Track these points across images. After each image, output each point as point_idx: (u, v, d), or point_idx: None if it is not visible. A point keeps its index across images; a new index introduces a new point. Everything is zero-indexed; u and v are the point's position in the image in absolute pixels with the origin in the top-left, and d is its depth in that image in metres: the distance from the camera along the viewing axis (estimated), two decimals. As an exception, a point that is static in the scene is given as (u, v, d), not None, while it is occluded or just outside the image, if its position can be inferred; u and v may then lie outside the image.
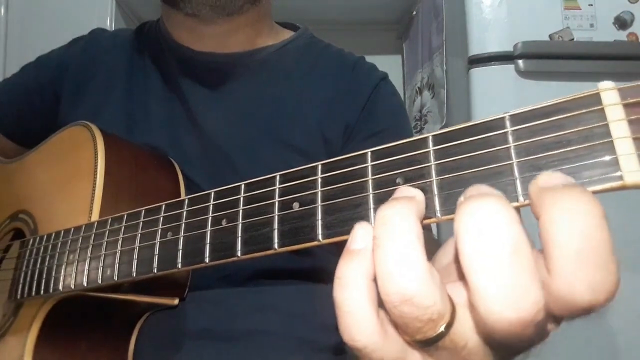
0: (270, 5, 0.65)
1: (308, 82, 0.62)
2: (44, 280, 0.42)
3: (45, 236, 0.44)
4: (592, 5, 1.05)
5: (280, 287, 0.55)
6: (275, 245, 0.27)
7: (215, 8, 0.55)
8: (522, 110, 0.22)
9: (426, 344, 0.21)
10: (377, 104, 0.62)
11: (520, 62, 1.02)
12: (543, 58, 1.03)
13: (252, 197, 0.29)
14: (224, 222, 0.30)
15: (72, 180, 0.47)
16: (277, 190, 0.28)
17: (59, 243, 0.42)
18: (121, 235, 0.36)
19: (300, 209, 0.27)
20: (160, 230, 0.34)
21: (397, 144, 0.25)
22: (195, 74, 0.61)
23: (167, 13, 0.63)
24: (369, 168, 0.25)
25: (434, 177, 0.23)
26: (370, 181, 0.25)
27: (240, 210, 0.29)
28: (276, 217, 0.28)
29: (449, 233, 0.26)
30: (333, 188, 0.26)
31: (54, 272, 0.41)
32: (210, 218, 0.31)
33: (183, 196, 0.47)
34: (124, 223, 0.37)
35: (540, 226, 0.19)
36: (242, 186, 0.30)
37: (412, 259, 0.20)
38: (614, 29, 1.05)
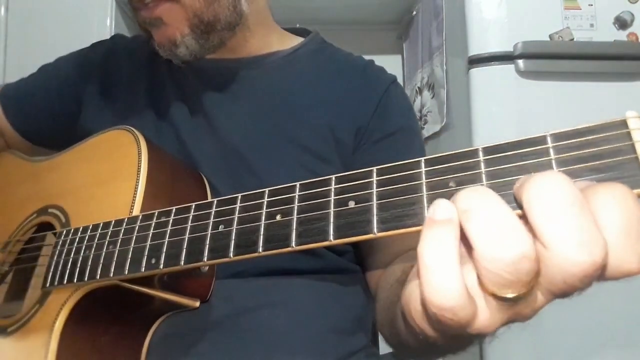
0: (269, 14, 0.67)
1: (319, 85, 0.63)
2: (78, 269, 0.44)
3: (81, 228, 0.47)
4: (592, 5, 1.05)
5: (291, 286, 0.56)
6: (331, 237, 0.31)
7: (195, 57, 0.58)
8: (560, 130, 0.26)
9: (514, 300, 0.23)
10: (389, 106, 0.63)
11: (520, 62, 1.02)
12: (543, 58, 1.03)
13: (307, 195, 0.33)
14: (278, 217, 0.34)
15: (112, 180, 0.50)
16: (332, 189, 0.32)
17: (97, 234, 0.44)
18: (169, 227, 0.39)
19: (356, 206, 0.31)
20: (211, 223, 0.37)
21: (450, 154, 0.29)
22: (208, 79, 0.63)
23: None
24: (423, 173, 0.29)
25: (484, 182, 0.27)
26: (424, 183, 0.29)
27: (296, 206, 0.33)
28: (332, 212, 0.31)
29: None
30: (388, 189, 0.30)
31: (90, 261, 0.43)
32: (264, 213, 0.35)
33: None
34: (172, 216, 0.40)
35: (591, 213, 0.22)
36: (297, 185, 0.34)
37: (516, 221, 0.23)
38: (614, 29, 1.05)
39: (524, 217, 0.23)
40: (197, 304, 0.49)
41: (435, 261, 0.23)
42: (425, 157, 0.29)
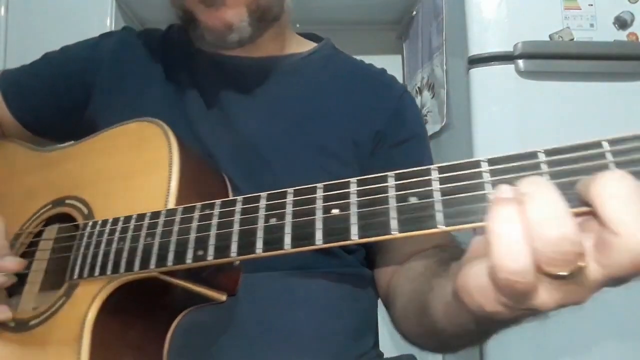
0: (289, 18, 0.68)
1: (336, 89, 0.65)
2: (111, 261, 0.44)
3: (110, 220, 0.46)
4: (592, 5, 1.05)
5: (310, 285, 0.57)
6: (395, 231, 0.32)
7: (238, 45, 0.58)
8: (618, 136, 0.28)
9: (565, 277, 0.27)
10: (404, 113, 0.66)
11: (520, 62, 1.02)
12: (543, 58, 1.03)
13: (365, 191, 0.35)
14: (335, 211, 0.35)
15: (141, 172, 0.49)
16: (392, 186, 0.34)
17: (131, 226, 0.44)
18: (215, 220, 0.40)
19: (419, 201, 0.32)
20: (263, 216, 0.38)
21: (512, 154, 0.31)
22: (227, 77, 0.63)
23: None
24: (487, 172, 0.31)
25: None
26: (489, 182, 0.31)
27: (355, 202, 0.35)
28: (394, 208, 0.33)
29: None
30: (450, 186, 0.32)
31: (125, 253, 0.43)
32: (321, 207, 0.36)
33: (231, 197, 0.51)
34: (217, 209, 0.40)
35: None
36: (354, 181, 0.35)
37: (564, 205, 0.26)
38: (614, 29, 1.05)
39: (587, 214, 0.27)
40: (224, 297, 0.49)
41: (505, 229, 0.27)
42: (487, 157, 0.31)
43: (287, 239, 0.36)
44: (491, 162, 0.31)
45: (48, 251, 0.54)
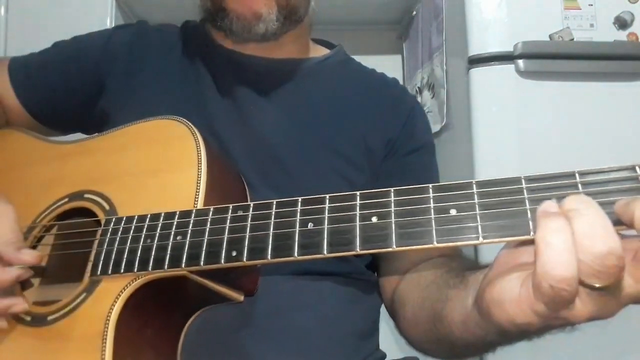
0: (310, 24, 0.70)
1: (351, 95, 0.66)
2: (138, 258, 0.44)
3: (136, 217, 0.46)
4: (592, 5, 1.05)
5: (320, 288, 0.57)
6: (434, 242, 0.34)
7: (262, 39, 0.59)
8: None
9: (605, 289, 0.28)
10: (416, 122, 0.68)
11: (520, 62, 1.02)
12: (543, 58, 1.03)
13: (404, 201, 0.36)
14: (374, 219, 0.36)
15: (168, 171, 0.49)
16: (431, 197, 0.35)
17: (159, 224, 0.44)
18: (249, 222, 0.40)
19: (458, 214, 0.34)
20: (299, 220, 0.38)
21: (549, 174, 0.33)
22: (245, 76, 0.63)
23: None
24: (525, 189, 0.33)
25: None
26: (527, 198, 0.32)
27: (393, 211, 0.36)
28: (433, 219, 0.34)
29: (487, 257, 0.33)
30: (490, 201, 0.33)
31: (154, 251, 0.43)
32: (358, 214, 0.37)
33: (249, 200, 0.52)
34: (251, 211, 0.41)
35: None
36: (392, 191, 0.37)
37: (609, 222, 0.28)
38: (614, 29, 1.04)
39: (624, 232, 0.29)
40: (242, 298, 0.49)
41: (556, 239, 0.28)
42: (525, 176, 0.33)
43: (325, 244, 0.37)
44: (529, 180, 0.33)
45: (76, 245, 0.52)
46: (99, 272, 0.46)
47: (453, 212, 0.34)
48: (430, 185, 0.35)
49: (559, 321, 0.31)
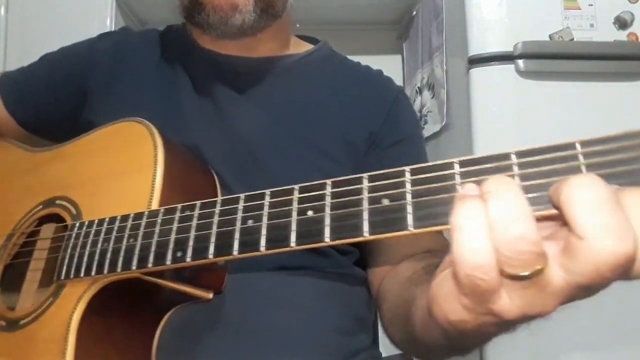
0: (290, 20, 0.69)
1: (332, 89, 0.65)
2: (96, 262, 0.44)
3: (96, 221, 0.46)
4: (592, 5, 1.05)
5: (297, 285, 0.57)
6: (366, 234, 0.32)
7: (240, 33, 0.59)
8: (590, 138, 0.28)
9: (523, 278, 0.26)
10: (399, 114, 0.66)
11: (520, 62, 1.02)
12: (543, 58, 1.03)
13: (339, 192, 0.34)
14: (309, 213, 0.35)
15: (127, 172, 0.49)
16: (366, 187, 0.33)
17: (116, 227, 0.44)
18: (195, 222, 0.40)
19: (391, 203, 0.32)
20: (240, 217, 0.38)
21: (484, 156, 0.30)
22: (223, 76, 0.63)
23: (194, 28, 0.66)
24: (458, 174, 0.30)
25: (519, 183, 0.28)
26: (459, 184, 0.30)
27: (328, 203, 0.34)
28: (367, 210, 0.32)
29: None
30: (422, 188, 0.31)
31: (109, 254, 0.43)
32: (295, 209, 0.35)
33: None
34: (197, 210, 0.40)
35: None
36: (329, 183, 0.35)
37: (526, 205, 0.26)
38: (614, 29, 1.04)
39: (556, 217, 0.27)
40: (211, 295, 0.49)
41: (467, 224, 0.26)
42: (459, 159, 0.31)
43: (263, 241, 0.36)
44: (462, 163, 0.31)
45: (46, 250, 0.54)
46: (62, 277, 0.46)
47: (385, 201, 0.32)
48: (365, 175, 0.34)
49: (490, 317, 0.29)
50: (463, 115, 1.08)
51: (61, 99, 0.67)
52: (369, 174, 0.34)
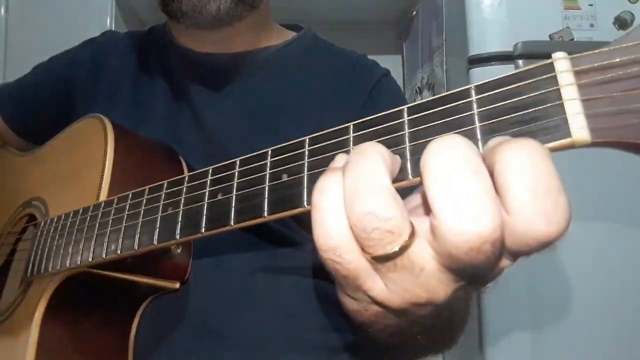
0: (270, 9, 0.67)
1: (308, 79, 0.63)
2: (52, 258, 0.45)
3: (55, 218, 0.47)
4: (592, 5, 1.05)
5: (276, 286, 0.56)
6: (265, 214, 0.29)
7: (215, 21, 0.57)
8: (486, 81, 0.24)
9: (384, 259, 0.23)
10: (379, 101, 0.63)
11: (520, 62, 1.02)
12: (543, 58, 1.02)
13: (246, 171, 0.32)
14: (219, 196, 0.33)
15: (83, 168, 0.50)
16: (268, 163, 0.31)
17: (68, 223, 0.45)
18: (126, 212, 0.39)
19: (289, 179, 0.29)
20: (162, 205, 0.37)
21: (377, 116, 0.27)
22: (199, 74, 0.62)
23: (170, 19, 0.65)
24: (351, 139, 0.28)
25: (407, 144, 0.25)
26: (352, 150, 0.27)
27: (235, 184, 0.32)
28: (267, 187, 0.30)
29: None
30: (318, 159, 0.28)
31: (62, 250, 0.44)
32: (207, 192, 0.34)
33: None
34: (129, 201, 0.40)
35: (495, 175, 0.21)
36: (238, 162, 0.33)
37: (378, 176, 0.22)
38: (614, 29, 1.05)
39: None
40: (177, 285, 0.49)
41: (319, 200, 0.24)
42: (353, 122, 0.28)
43: (178, 228, 0.34)
44: (356, 127, 0.28)
45: (24, 250, 0.56)
46: (29, 274, 0.47)
47: (285, 177, 0.29)
48: (270, 149, 0.31)
49: (377, 307, 0.26)
50: (463, 115, 1.08)
51: (51, 107, 0.69)
52: (272, 148, 0.31)
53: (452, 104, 0.25)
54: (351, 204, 0.22)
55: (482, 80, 0.25)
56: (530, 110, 0.23)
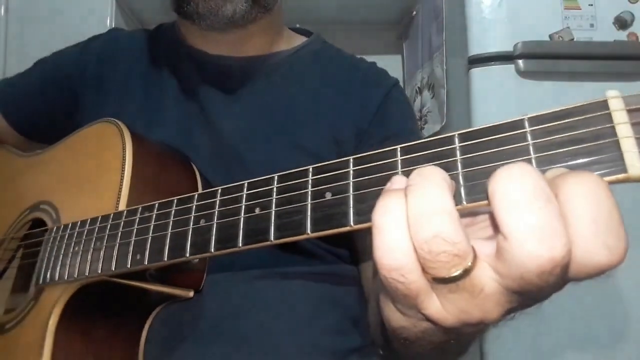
0: (282, 13, 0.67)
1: (320, 86, 0.64)
2: (68, 266, 0.44)
3: (70, 224, 0.46)
4: (592, 5, 1.05)
5: (286, 289, 0.56)
6: (308, 230, 0.30)
7: (230, 23, 0.57)
8: (538, 113, 0.25)
9: (446, 281, 0.24)
10: (389, 110, 0.64)
11: (520, 62, 1.02)
12: (543, 58, 1.03)
13: (285, 187, 0.32)
14: (257, 210, 0.33)
15: (98, 174, 0.49)
16: (309, 181, 0.31)
17: (85, 230, 0.44)
18: (153, 223, 0.39)
19: (333, 197, 0.30)
20: (193, 217, 0.36)
21: (426, 140, 0.28)
22: (211, 76, 0.62)
23: (181, 20, 0.65)
24: (399, 162, 0.28)
25: (459, 170, 0.26)
26: (400, 173, 0.28)
27: (274, 199, 0.32)
28: (309, 205, 0.30)
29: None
30: (364, 179, 0.29)
31: (79, 258, 0.43)
32: (243, 206, 0.34)
33: None
34: (155, 211, 0.39)
35: (559, 204, 0.22)
36: (275, 177, 0.33)
37: (445, 200, 0.23)
38: (614, 29, 1.04)
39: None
40: (191, 293, 0.49)
41: (384, 222, 0.24)
42: (401, 145, 0.29)
43: (213, 242, 0.34)
44: (404, 150, 0.28)
45: (29, 256, 0.54)
46: (40, 281, 0.47)
47: (328, 195, 0.30)
48: (311, 167, 0.32)
49: (428, 324, 0.27)
50: (463, 115, 1.08)
51: (55, 105, 0.67)
52: (314, 165, 0.32)
53: (506, 134, 0.26)
54: (417, 226, 0.23)
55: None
56: (585, 145, 0.24)
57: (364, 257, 0.62)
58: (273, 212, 0.32)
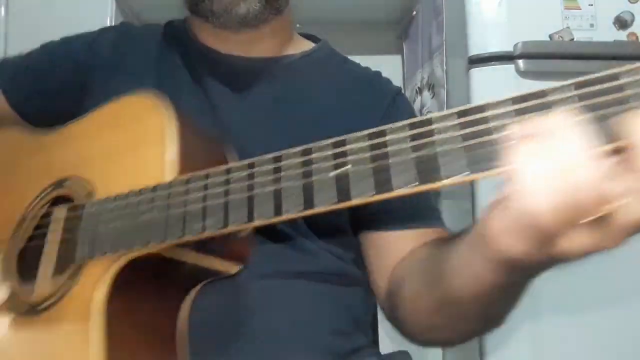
0: (292, 18, 0.69)
1: (328, 92, 0.65)
2: (113, 240, 0.43)
3: (113, 196, 0.45)
4: (592, 5, 1.05)
5: (290, 289, 0.56)
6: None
7: (243, 22, 0.59)
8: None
9: (593, 222, 0.26)
10: (393, 116, 0.64)
11: (520, 62, 1.02)
12: (543, 58, 1.03)
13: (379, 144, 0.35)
14: (349, 166, 0.35)
15: (140, 146, 0.48)
16: (408, 137, 0.35)
17: (136, 201, 0.43)
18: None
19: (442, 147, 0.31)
20: (268, 181, 0.37)
21: (538, 91, 0.31)
22: (221, 75, 0.63)
23: (193, 18, 0.65)
24: (513, 111, 0.30)
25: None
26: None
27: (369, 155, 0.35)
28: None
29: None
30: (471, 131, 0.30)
31: (128, 231, 0.42)
32: (332, 165, 0.36)
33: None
34: (209, 179, 0.39)
35: None
36: (366, 135, 0.37)
37: (589, 149, 0.25)
38: (614, 29, 1.04)
39: (621, 150, 0.26)
40: (235, 269, 0.49)
41: (529, 166, 0.26)
42: (511, 96, 0.30)
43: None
44: (515, 100, 0.30)
45: (59, 233, 0.52)
46: (81, 258, 0.46)
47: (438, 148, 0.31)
48: (407, 122, 0.35)
49: (553, 257, 0.29)
50: (463, 115, 1.08)
51: (62, 90, 0.67)
52: (408, 121, 0.35)
53: (610, 83, 0.29)
54: (565, 173, 0.25)
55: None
56: None
57: (376, 261, 0.61)
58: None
